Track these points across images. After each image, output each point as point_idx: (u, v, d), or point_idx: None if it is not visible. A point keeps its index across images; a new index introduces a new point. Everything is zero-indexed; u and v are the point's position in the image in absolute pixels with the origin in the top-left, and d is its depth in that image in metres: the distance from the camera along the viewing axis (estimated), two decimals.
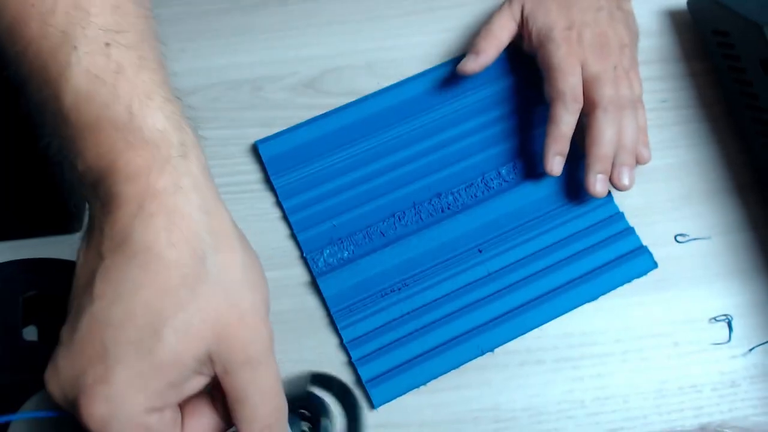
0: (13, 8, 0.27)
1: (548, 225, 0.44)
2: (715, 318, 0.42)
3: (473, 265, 0.43)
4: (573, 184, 0.45)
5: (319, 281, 0.43)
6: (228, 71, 0.49)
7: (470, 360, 0.41)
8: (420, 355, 0.41)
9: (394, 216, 0.44)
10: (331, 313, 0.42)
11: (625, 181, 0.42)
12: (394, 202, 0.45)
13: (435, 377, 0.41)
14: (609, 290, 0.43)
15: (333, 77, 0.49)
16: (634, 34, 0.46)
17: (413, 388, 0.41)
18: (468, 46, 0.50)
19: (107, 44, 0.26)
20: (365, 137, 0.46)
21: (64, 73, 0.25)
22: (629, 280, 0.43)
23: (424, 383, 0.41)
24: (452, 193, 0.45)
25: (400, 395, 0.41)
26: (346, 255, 0.43)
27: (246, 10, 0.51)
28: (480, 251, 0.44)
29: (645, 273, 0.43)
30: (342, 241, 0.44)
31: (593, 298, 0.42)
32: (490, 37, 0.46)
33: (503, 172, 0.46)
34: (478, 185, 0.45)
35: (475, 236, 0.44)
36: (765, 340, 0.42)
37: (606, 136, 0.42)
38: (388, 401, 0.40)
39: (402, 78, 0.48)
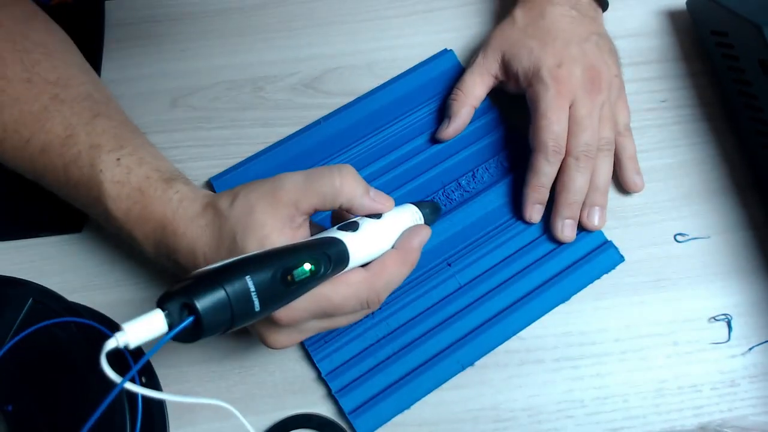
0: (46, 159, 0.38)
1: (513, 231, 0.43)
2: (714, 317, 0.42)
3: (444, 279, 0.42)
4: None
5: None
6: (228, 71, 0.49)
7: (451, 377, 0.41)
8: (401, 379, 0.40)
9: None
10: (306, 346, 0.41)
11: (595, 221, 0.43)
12: None
13: (418, 399, 0.40)
14: (580, 288, 0.42)
15: (333, 77, 0.49)
16: (617, 58, 0.45)
17: (397, 414, 0.40)
18: (468, 45, 0.50)
19: (118, 159, 0.37)
20: (341, 150, 0.46)
21: (101, 188, 0.37)
22: (599, 276, 0.43)
23: (408, 407, 0.40)
24: None
25: (385, 422, 0.40)
26: None
27: (246, 10, 0.52)
28: (449, 264, 0.43)
29: (613, 267, 0.43)
30: None
31: (566, 298, 0.42)
32: (460, 98, 0.45)
33: (463, 182, 0.45)
34: (440, 198, 0.45)
35: (442, 250, 0.43)
36: (764, 340, 0.42)
37: (576, 183, 0.42)
38: (374, 430, 0.40)
39: None
